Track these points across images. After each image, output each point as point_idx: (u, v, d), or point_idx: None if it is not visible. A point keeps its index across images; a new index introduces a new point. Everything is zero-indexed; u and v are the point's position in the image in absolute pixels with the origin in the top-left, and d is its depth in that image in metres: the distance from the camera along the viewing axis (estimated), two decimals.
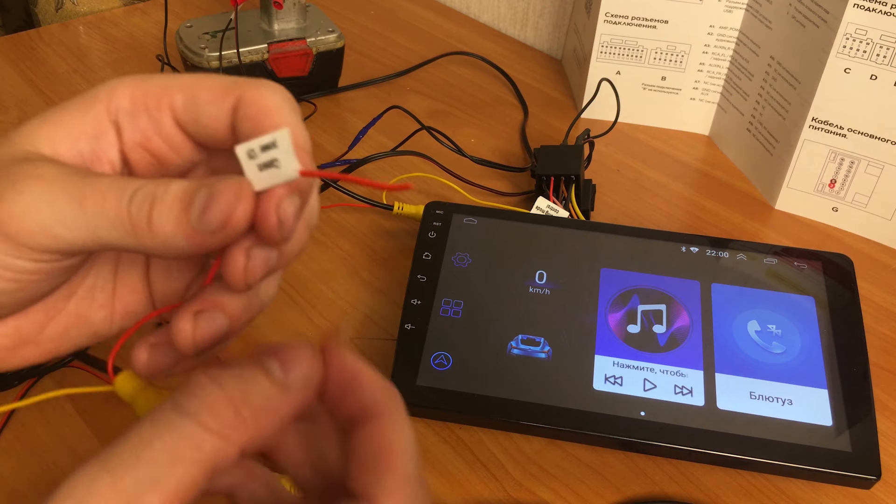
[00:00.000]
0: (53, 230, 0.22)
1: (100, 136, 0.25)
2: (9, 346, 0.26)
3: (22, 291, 0.24)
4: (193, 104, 0.25)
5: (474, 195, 0.59)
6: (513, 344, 0.44)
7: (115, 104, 0.25)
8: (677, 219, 0.60)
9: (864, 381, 0.42)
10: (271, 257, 0.24)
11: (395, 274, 0.53)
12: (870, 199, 0.57)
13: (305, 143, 0.24)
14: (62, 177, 0.22)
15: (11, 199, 0.22)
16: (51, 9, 0.84)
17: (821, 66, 0.55)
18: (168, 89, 0.25)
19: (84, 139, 0.25)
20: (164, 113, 0.25)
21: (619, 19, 0.65)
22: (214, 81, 0.25)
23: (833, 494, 0.41)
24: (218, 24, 0.67)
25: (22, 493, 0.40)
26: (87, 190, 0.22)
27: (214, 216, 0.21)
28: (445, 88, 0.74)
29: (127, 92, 0.25)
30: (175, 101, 0.25)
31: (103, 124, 0.25)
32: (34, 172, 0.22)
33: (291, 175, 0.22)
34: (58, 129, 0.24)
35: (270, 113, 0.24)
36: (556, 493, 0.41)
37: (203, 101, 0.25)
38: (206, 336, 0.24)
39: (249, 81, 0.25)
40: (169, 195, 0.22)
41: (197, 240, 0.22)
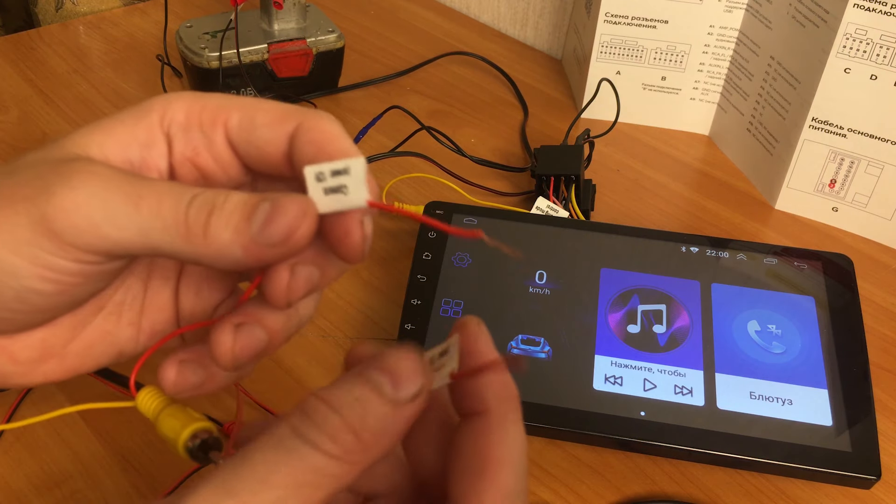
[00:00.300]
0: (103, 229, 0.22)
1: (151, 146, 0.25)
2: (34, 358, 0.26)
3: (61, 295, 0.23)
4: (250, 125, 0.25)
5: (474, 195, 0.59)
6: (513, 344, 0.44)
7: (170, 116, 0.25)
8: (677, 219, 0.60)
9: (864, 381, 0.42)
10: (314, 276, 0.23)
11: (395, 274, 0.53)
12: (870, 199, 0.57)
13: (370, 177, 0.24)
14: (117, 176, 0.22)
15: (62, 194, 0.21)
16: (51, 9, 0.84)
17: (821, 66, 0.55)
18: (225, 108, 0.25)
19: (135, 147, 0.25)
20: (218, 130, 0.25)
21: (619, 19, 0.65)
22: (272, 105, 0.25)
23: (833, 494, 0.41)
24: (218, 24, 0.67)
25: (22, 493, 0.40)
26: (144, 190, 0.22)
27: (278, 230, 0.21)
28: (445, 88, 0.74)
29: (182, 106, 0.25)
30: (231, 120, 0.25)
31: (155, 134, 0.25)
32: (88, 169, 0.22)
33: (359, 203, 0.22)
34: (109, 135, 0.24)
35: (335, 139, 0.24)
36: (556, 493, 0.41)
37: (260, 123, 0.25)
38: (245, 349, 0.24)
39: (306, 110, 0.25)
40: (229, 203, 0.22)
41: (254, 251, 0.22)
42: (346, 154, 0.24)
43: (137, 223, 0.22)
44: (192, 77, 0.67)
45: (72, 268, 0.22)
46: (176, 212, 0.22)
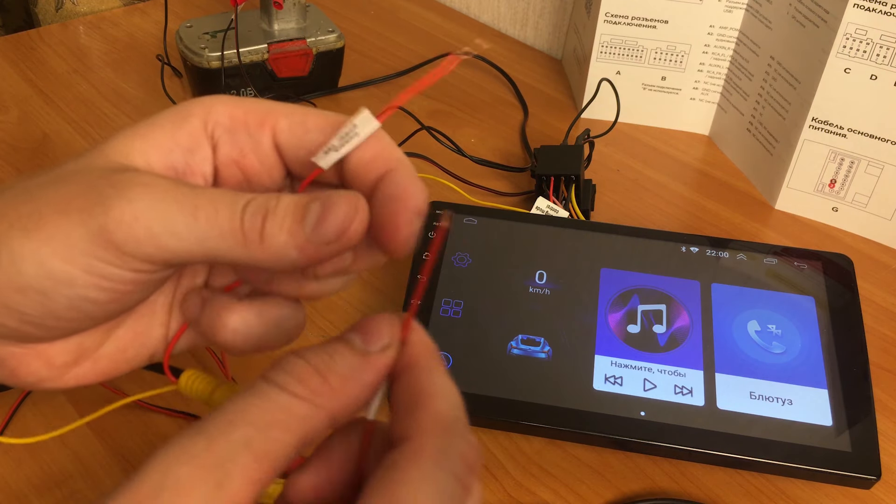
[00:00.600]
0: (162, 239, 0.22)
1: (195, 151, 0.25)
2: (68, 362, 0.26)
3: (114, 303, 0.24)
4: (301, 128, 0.25)
5: (474, 195, 0.59)
6: (513, 344, 0.44)
7: (214, 119, 0.25)
8: (677, 219, 0.60)
9: (864, 381, 0.42)
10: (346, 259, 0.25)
11: (395, 274, 0.53)
12: (870, 199, 0.57)
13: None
14: (172, 186, 0.22)
15: (121, 207, 0.22)
16: (51, 9, 0.84)
17: (821, 66, 0.55)
18: (272, 112, 0.25)
19: (178, 152, 0.25)
20: (265, 133, 0.25)
21: (619, 19, 0.65)
22: (320, 111, 0.26)
23: (833, 494, 0.41)
24: (218, 24, 0.67)
25: (22, 494, 0.40)
26: (200, 200, 0.22)
27: (331, 228, 0.22)
28: (445, 88, 0.74)
29: (225, 109, 0.25)
30: (280, 123, 0.25)
31: (199, 139, 0.25)
32: (141, 181, 0.22)
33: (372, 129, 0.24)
34: (150, 142, 0.24)
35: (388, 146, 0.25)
36: (556, 493, 0.41)
37: (312, 128, 0.25)
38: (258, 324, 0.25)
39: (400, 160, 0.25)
40: (281, 207, 0.22)
41: (309, 251, 0.22)
42: (399, 160, 0.25)
43: (196, 233, 0.22)
44: (192, 77, 0.67)
45: (127, 276, 0.23)
46: (232, 219, 0.22)
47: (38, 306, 0.23)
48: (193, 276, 0.28)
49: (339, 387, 0.21)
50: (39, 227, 0.22)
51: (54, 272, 0.22)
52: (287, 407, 0.20)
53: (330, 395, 0.21)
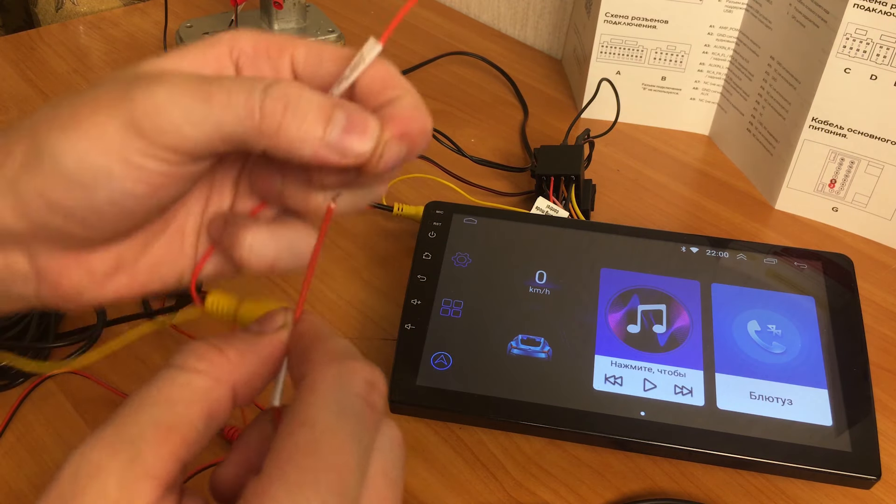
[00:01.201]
0: (183, 128, 0.23)
1: (221, 72, 0.26)
2: (108, 271, 0.27)
3: (149, 198, 0.24)
4: (317, 59, 0.26)
5: (474, 195, 0.59)
6: (513, 344, 0.44)
7: (239, 47, 0.26)
8: (677, 219, 0.60)
9: (864, 381, 0.42)
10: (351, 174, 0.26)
11: (395, 274, 0.53)
12: (870, 199, 0.57)
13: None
14: (191, 78, 0.23)
15: (143, 98, 0.23)
16: (51, 9, 0.84)
17: (821, 66, 0.55)
18: (291, 42, 0.27)
19: (207, 71, 0.26)
20: (285, 60, 0.27)
21: (619, 19, 0.65)
22: (335, 46, 0.27)
23: (833, 494, 0.41)
24: (218, 24, 0.67)
25: (22, 494, 0.40)
26: (214, 87, 0.23)
27: (352, 145, 0.23)
28: (445, 88, 0.74)
29: (249, 39, 0.26)
30: (298, 53, 0.26)
31: (225, 62, 0.26)
32: (162, 77, 0.23)
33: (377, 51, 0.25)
34: (181, 62, 0.26)
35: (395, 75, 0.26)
36: (556, 493, 0.41)
37: (327, 59, 0.26)
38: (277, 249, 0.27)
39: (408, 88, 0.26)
40: (304, 102, 0.23)
41: (322, 155, 0.23)
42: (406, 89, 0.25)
43: (212, 118, 0.23)
44: None
45: (160, 168, 0.24)
46: (248, 102, 0.23)
47: (80, 201, 0.24)
48: (220, 200, 0.29)
49: (237, 360, 0.23)
50: (76, 124, 0.23)
51: (94, 165, 0.23)
52: (187, 383, 0.22)
53: (228, 368, 0.22)
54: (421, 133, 0.25)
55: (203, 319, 0.29)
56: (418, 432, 0.44)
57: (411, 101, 0.25)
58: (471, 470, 0.42)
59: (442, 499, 0.41)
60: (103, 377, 0.45)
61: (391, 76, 0.26)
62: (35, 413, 0.43)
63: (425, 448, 0.43)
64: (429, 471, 0.42)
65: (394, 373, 0.43)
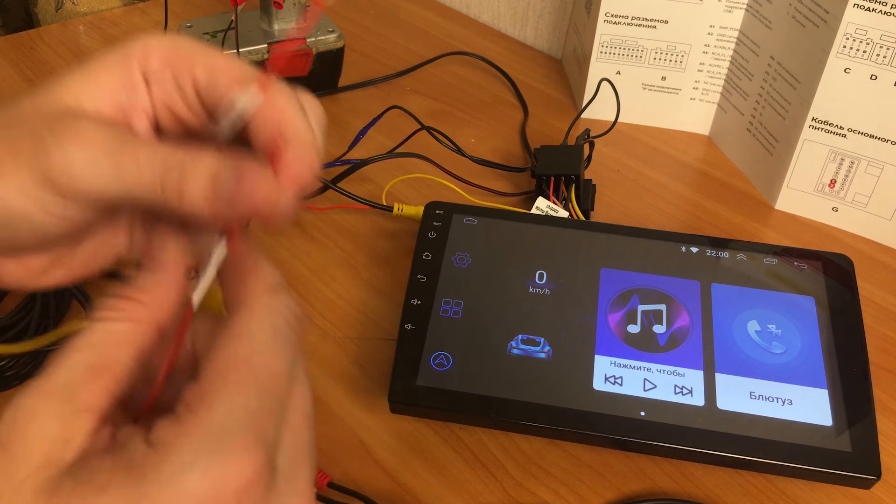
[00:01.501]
0: (94, 186, 0.25)
1: (135, 90, 0.27)
2: (44, 268, 0.28)
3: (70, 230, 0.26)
4: (213, 78, 0.27)
5: (474, 195, 0.59)
6: (513, 344, 0.44)
7: (146, 63, 0.27)
8: (677, 219, 0.60)
9: (864, 381, 0.42)
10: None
11: (395, 274, 0.53)
12: (870, 199, 0.57)
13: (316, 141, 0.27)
14: (104, 139, 0.25)
15: (57, 154, 0.24)
16: (51, 9, 0.84)
17: (821, 66, 0.55)
18: (192, 59, 0.27)
19: (123, 92, 0.27)
20: (188, 80, 0.27)
21: (619, 19, 0.65)
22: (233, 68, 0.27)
23: (833, 494, 0.41)
24: (218, 24, 0.67)
25: None
26: (125, 157, 0.24)
27: (240, 201, 0.25)
28: (445, 88, 0.74)
29: (157, 53, 0.27)
30: (198, 75, 0.27)
31: (136, 80, 0.27)
32: (78, 129, 0.25)
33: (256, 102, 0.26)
34: (97, 84, 0.27)
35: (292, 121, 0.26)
36: (556, 493, 0.41)
37: (222, 79, 0.27)
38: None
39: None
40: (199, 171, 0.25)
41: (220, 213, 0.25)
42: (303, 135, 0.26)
43: (121, 185, 0.25)
44: None
45: (73, 211, 0.26)
46: (153, 176, 0.25)
47: (4, 235, 0.26)
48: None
49: (148, 299, 0.25)
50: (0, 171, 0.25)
51: (15, 207, 0.25)
52: (108, 330, 0.24)
53: (142, 309, 0.24)
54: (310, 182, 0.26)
55: None
56: (418, 432, 0.44)
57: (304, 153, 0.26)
58: (471, 470, 0.42)
59: (442, 499, 0.41)
60: None
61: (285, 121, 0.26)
62: None
63: (425, 448, 0.43)
64: (429, 471, 0.42)
65: (394, 373, 0.43)
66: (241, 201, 0.25)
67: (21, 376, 0.44)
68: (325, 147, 0.28)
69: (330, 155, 0.63)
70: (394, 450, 0.43)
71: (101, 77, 0.27)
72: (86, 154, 0.24)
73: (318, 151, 0.27)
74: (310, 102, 0.28)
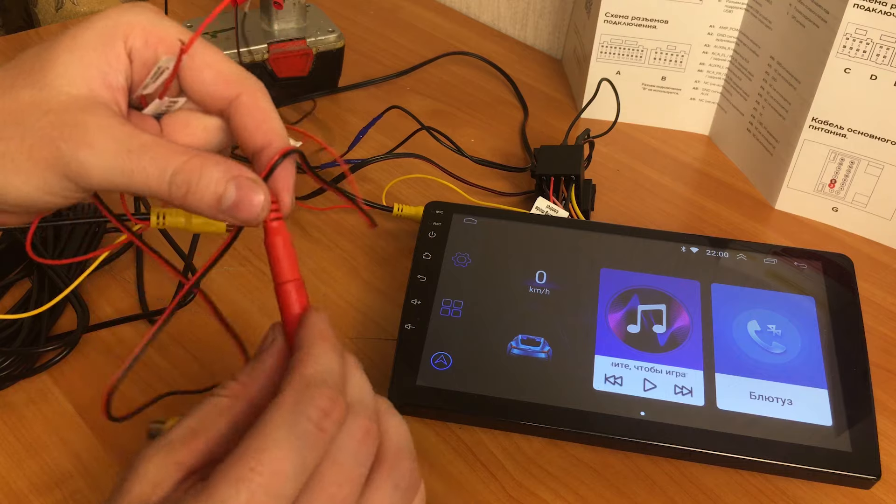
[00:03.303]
0: (105, 184, 0.28)
1: (122, 70, 0.30)
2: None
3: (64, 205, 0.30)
4: (198, 78, 0.30)
5: (474, 195, 0.59)
6: (513, 344, 0.44)
7: (131, 43, 0.30)
8: (677, 219, 0.60)
9: (864, 381, 0.42)
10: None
11: (395, 274, 0.53)
12: (870, 199, 0.57)
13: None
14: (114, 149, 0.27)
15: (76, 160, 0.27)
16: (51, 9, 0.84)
17: (821, 66, 0.55)
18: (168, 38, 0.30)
19: (112, 73, 0.29)
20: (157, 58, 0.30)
21: (619, 19, 0.65)
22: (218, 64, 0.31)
23: (833, 494, 0.41)
24: (218, 23, 0.67)
25: (22, 494, 0.40)
26: (133, 164, 0.27)
27: (240, 215, 0.28)
28: (445, 88, 0.74)
29: (142, 33, 0.30)
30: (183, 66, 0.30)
31: (123, 60, 0.30)
32: (89, 141, 0.27)
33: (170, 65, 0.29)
34: (91, 67, 0.29)
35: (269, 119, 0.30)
36: (556, 493, 0.41)
37: (207, 81, 0.30)
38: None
39: (247, 79, 0.31)
40: (202, 185, 0.27)
41: (218, 218, 0.28)
42: (278, 135, 0.30)
43: (131, 185, 0.28)
44: None
45: (77, 195, 0.29)
46: (160, 184, 0.27)
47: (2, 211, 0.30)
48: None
49: (247, 380, 0.28)
50: (18, 170, 0.28)
51: (30, 198, 0.28)
52: (213, 402, 0.28)
53: (240, 388, 0.28)
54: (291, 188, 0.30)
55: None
56: (418, 432, 0.44)
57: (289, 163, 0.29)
58: (471, 470, 0.42)
59: (442, 499, 0.41)
60: (104, 376, 0.45)
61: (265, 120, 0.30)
62: (35, 413, 0.43)
63: (425, 448, 0.43)
64: (428, 471, 0.42)
65: (394, 373, 0.43)
66: (240, 212, 0.28)
67: (13, 377, 0.44)
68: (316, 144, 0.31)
69: (330, 155, 0.63)
70: None
71: (91, 60, 0.29)
72: (99, 162, 0.27)
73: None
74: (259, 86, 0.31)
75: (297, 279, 0.30)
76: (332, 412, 0.26)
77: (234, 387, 0.28)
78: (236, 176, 0.28)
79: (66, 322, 0.48)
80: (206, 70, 0.30)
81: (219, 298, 0.51)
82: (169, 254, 0.53)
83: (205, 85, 0.30)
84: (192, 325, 0.49)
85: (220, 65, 0.31)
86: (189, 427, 0.27)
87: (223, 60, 0.31)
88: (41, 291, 0.47)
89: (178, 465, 0.26)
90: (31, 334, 0.46)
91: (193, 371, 0.46)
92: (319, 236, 0.56)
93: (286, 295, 0.29)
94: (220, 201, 0.28)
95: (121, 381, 0.29)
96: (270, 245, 0.29)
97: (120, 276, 0.52)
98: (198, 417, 0.27)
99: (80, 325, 0.47)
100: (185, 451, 0.26)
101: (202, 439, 0.26)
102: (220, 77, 0.30)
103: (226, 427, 0.27)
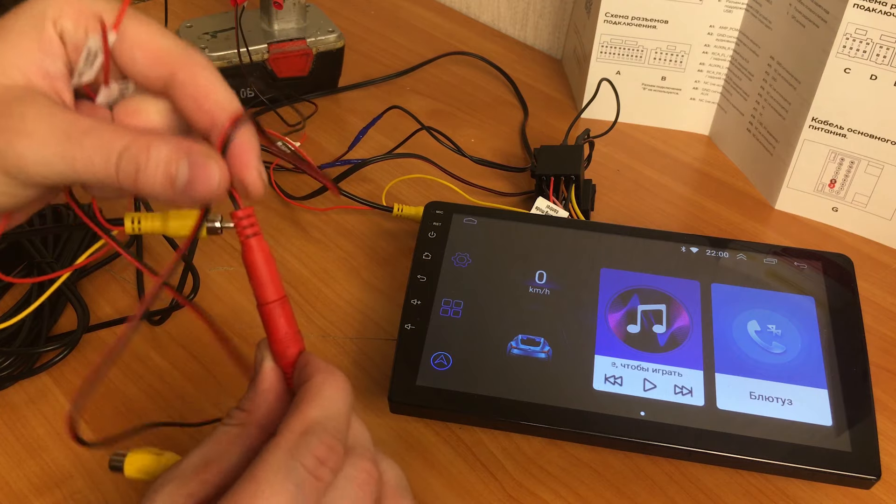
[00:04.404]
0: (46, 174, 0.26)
1: (55, 55, 0.28)
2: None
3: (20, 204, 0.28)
4: (130, 59, 0.28)
5: (474, 195, 0.59)
6: (513, 344, 0.44)
7: (61, 25, 0.28)
8: (677, 219, 0.60)
9: (864, 381, 0.42)
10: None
11: (395, 274, 0.53)
12: (870, 199, 0.57)
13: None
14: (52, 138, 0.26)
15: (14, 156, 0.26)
16: None
17: (821, 66, 0.55)
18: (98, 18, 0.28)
19: (46, 59, 0.28)
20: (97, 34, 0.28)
21: (619, 19, 0.65)
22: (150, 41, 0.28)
23: (833, 494, 0.41)
24: (218, 24, 0.67)
25: (22, 494, 0.40)
26: (75, 150, 0.26)
27: (197, 192, 0.26)
28: (445, 88, 0.74)
29: (71, 13, 0.28)
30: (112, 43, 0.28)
31: (55, 43, 0.28)
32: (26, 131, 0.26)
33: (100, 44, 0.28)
34: (23, 56, 0.27)
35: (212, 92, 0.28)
36: (556, 493, 0.41)
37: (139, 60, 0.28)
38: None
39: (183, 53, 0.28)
40: (151, 164, 0.26)
41: (177, 200, 0.26)
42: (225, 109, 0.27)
43: (74, 175, 0.26)
44: None
45: (25, 193, 0.28)
46: (106, 168, 0.26)
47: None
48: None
49: (251, 407, 0.29)
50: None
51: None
52: (225, 432, 0.28)
53: (246, 415, 0.29)
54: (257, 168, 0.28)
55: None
56: (418, 432, 0.44)
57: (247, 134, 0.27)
58: (471, 470, 0.42)
59: (442, 499, 0.41)
60: (104, 377, 0.45)
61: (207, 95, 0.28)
62: (35, 413, 0.44)
63: (425, 448, 0.43)
64: (429, 471, 0.42)
65: (394, 373, 0.43)
66: (197, 190, 0.26)
67: (13, 377, 0.44)
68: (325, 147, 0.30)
69: (330, 155, 0.63)
70: (394, 450, 0.43)
71: (24, 47, 0.27)
72: (38, 154, 0.26)
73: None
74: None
75: (281, 297, 0.29)
76: (328, 460, 0.26)
77: (240, 415, 0.29)
78: (188, 152, 0.26)
79: (67, 322, 0.48)
80: (135, 50, 0.28)
81: (219, 298, 0.51)
82: (169, 253, 0.53)
83: (136, 66, 0.28)
84: (192, 325, 0.49)
85: (150, 42, 0.28)
86: (202, 456, 0.27)
87: (156, 36, 0.28)
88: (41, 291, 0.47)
89: (188, 497, 0.26)
90: (31, 334, 0.46)
91: (193, 371, 0.46)
92: (319, 236, 0.56)
93: (271, 316, 0.29)
94: (173, 181, 0.26)
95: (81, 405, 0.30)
96: (249, 263, 0.28)
97: (120, 275, 0.52)
98: (210, 447, 0.28)
99: (81, 325, 0.47)
100: (196, 481, 0.26)
101: (214, 470, 0.27)
102: (149, 56, 0.28)
103: (238, 455, 0.27)
